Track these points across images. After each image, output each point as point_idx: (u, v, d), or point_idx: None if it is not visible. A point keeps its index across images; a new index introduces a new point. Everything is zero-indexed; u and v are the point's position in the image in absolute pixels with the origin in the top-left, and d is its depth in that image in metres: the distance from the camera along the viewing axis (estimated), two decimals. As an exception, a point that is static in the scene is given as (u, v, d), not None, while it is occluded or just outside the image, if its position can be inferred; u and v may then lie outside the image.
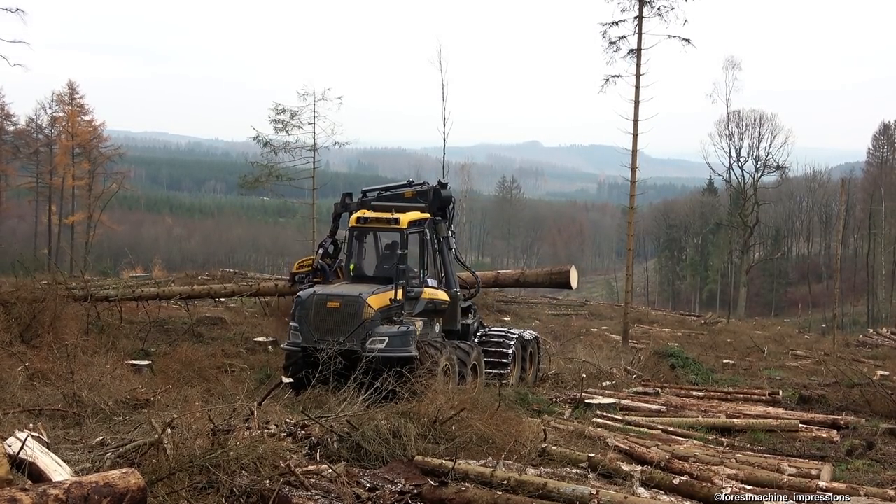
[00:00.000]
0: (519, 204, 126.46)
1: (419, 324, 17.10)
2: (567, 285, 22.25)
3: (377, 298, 16.39)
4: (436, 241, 18.37)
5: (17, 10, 22.28)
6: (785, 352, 32.80)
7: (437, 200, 18.92)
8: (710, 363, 25.51)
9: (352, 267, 18.11)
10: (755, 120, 69.57)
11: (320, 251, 21.45)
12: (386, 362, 15.51)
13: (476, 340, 19.26)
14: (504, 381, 18.47)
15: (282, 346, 18.31)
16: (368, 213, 18.08)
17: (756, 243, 72.53)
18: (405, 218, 17.40)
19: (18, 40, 22.69)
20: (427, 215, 18.18)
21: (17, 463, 6.92)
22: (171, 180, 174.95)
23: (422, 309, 17.43)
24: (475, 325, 19.81)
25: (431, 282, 18.21)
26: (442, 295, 18.29)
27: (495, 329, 20.65)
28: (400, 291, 16.43)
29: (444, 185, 19.31)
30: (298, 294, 17.25)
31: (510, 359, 19.27)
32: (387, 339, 16.12)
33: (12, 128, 67.84)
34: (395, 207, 17.92)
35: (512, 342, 19.60)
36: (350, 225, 18.10)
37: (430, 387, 14.12)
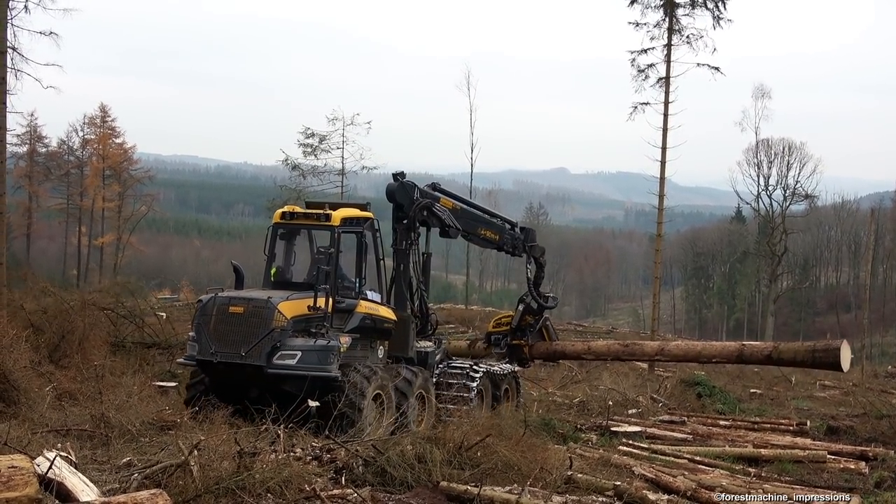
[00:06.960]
0: (546, 230, 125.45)
1: (346, 340, 14.19)
2: (836, 367, 16.60)
3: (291, 305, 13.71)
4: (377, 246, 15.56)
5: (51, 33, 22.56)
6: (813, 382, 32.44)
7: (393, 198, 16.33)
8: (736, 392, 25.30)
9: (273, 271, 15.41)
10: (784, 149, 69.15)
11: (521, 307, 19.66)
12: (298, 382, 13.05)
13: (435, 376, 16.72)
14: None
15: (176, 360, 16.48)
16: (297, 209, 15.49)
17: (784, 272, 71.81)
18: (337, 214, 14.75)
19: (52, 63, 22.91)
20: (369, 215, 15.50)
21: (45, 482, 6.98)
22: (199, 203, 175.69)
23: (356, 325, 14.55)
24: (439, 355, 17.07)
25: (372, 295, 15.36)
26: (385, 312, 15.46)
27: (459, 363, 17.62)
28: (322, 299, 13.69)
29: (394, 176, 16.54)
30: (200, 298, 15.00)
31: (473, 394, 16.59)
32: (300, 353, 13.41)
33: (44, 150, 68.64)
34: (329, 204, 15.35)
35: (475, 380, 16.78)
36: (274, 221, 15.39)
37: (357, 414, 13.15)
